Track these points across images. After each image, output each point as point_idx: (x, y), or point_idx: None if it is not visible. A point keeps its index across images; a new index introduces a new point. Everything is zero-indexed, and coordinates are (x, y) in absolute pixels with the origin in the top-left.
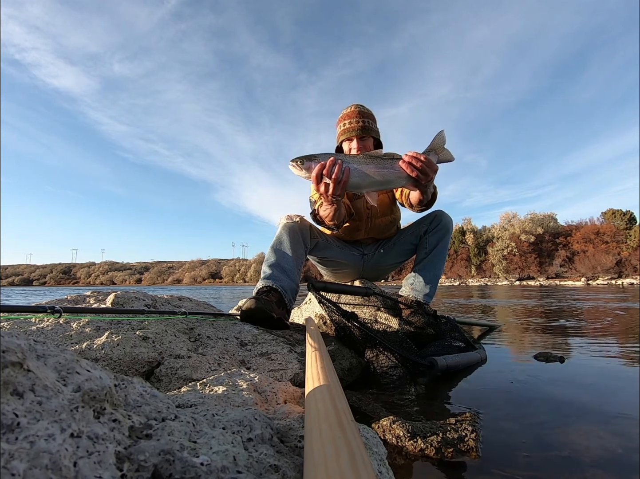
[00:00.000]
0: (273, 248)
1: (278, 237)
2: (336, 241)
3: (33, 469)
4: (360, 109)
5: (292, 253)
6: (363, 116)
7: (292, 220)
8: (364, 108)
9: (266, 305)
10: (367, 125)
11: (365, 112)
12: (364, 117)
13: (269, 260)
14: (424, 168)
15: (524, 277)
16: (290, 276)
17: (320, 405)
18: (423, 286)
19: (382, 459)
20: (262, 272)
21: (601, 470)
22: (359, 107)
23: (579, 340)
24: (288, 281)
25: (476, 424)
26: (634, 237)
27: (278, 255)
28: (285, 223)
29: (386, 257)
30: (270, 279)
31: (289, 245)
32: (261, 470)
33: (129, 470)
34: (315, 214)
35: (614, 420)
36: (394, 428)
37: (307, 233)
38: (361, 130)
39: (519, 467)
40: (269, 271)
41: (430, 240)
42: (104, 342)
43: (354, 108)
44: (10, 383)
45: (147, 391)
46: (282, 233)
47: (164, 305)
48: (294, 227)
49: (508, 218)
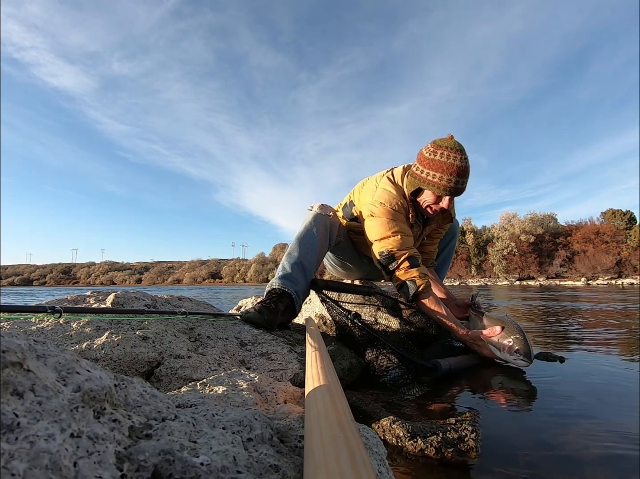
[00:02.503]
0: (299, 240)
1: (307, 228)
2: (352, 245)
3: (33, 469)
4: (466, 165)
5: (317, 250)
6: (465, 176)
7: (325, 213)
8: (467, 163)
9: (269, 318)
10: (464, 187)
11: (468, 170)
12: (464, 177)
13: (292, 254)
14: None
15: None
16: (308, 277)
17: (320, 405)
18: None
19: (382, 459)
20: (282, 268)
21: (601, 469)
22: (465, 160)
23: (579, 339)
24: (304, 284)
25: (476, 424)
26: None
27: (302, 251)
28: (318, 214)
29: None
30: (288, 281)
31: (317, 240)
32: (261, 470)
33: (129, 470)
34: (415, 297)
35: (614, 420)
36: (394, 428)
37: (335, 231)
38: (458, 192)
39: (519, 466)
40: (289, 270)
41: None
42: (104, 342)
43: (462, 162)
44: (10, 383)
45: (147, 391)
46: (312, 225)
47: (164, 305)
48: (325, 221)
49: (508, 218)
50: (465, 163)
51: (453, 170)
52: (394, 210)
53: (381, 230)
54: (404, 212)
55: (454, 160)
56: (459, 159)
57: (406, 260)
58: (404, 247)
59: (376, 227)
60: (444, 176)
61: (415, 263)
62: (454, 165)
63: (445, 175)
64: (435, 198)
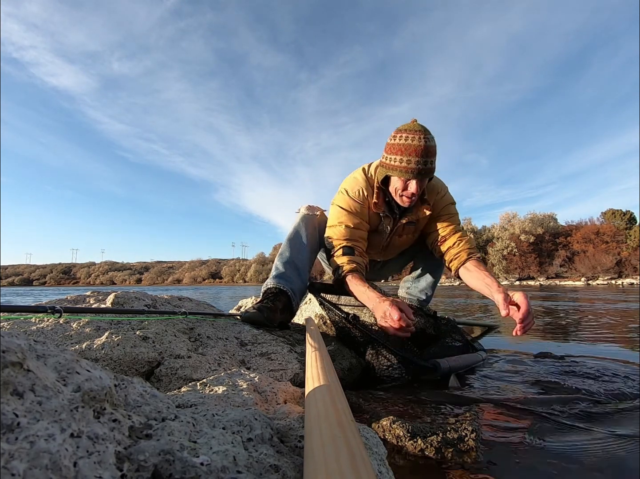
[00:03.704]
0: (289, 241)
1: (296, 228)
2: None
3: (33, 469)
4: (428, 144)
5: (308, 248)
6: (429, 155)
7: (312, 212)
8: (430, 142)
9: (268, 316)
10: (431, 167)
11: (432, 149)
12: (428, 157)
13: (283, 255)
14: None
15: (524, 277)
16: (302, 276)
17: (320, 405)
18: (417, 293)
19: (382, 459)
20: (275, 268)
21: (601, 469)
22: (426, 139)
23: (579, 339)
24: (299, 282)
25: (476, 424)
26: (634, 237)
27: (293, 250)
28: (305, 214)
29: (389, 265)
30: (282, 279)
31: (306, 239)
32: (261, 470)
33: (129, 470)
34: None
35: (615, 420)
36: (394, 428)
37: (324, 229)
38: (424, 173)
39: (519, 466)
40: (282, 269)
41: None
42: (104, 342)
43: (421, 142)
44: (10, 383)
45: (147, 391)
46: (300, 225)
47: (164, 305)
48: (313, 220)
49: (508, 218)
50: (427, 142)
51: (412, 150)
52: (352, 199)
53: (332, 218)
54: (363, 202)
55: (412, 141)
56: (418, 139)
57: (341, 249)
58: (344, 238)
59: (331, 214)
60: (405, 158)
61: (348, 252)
62: (414, 145)
63: (406, 157)
64: (403, 184)
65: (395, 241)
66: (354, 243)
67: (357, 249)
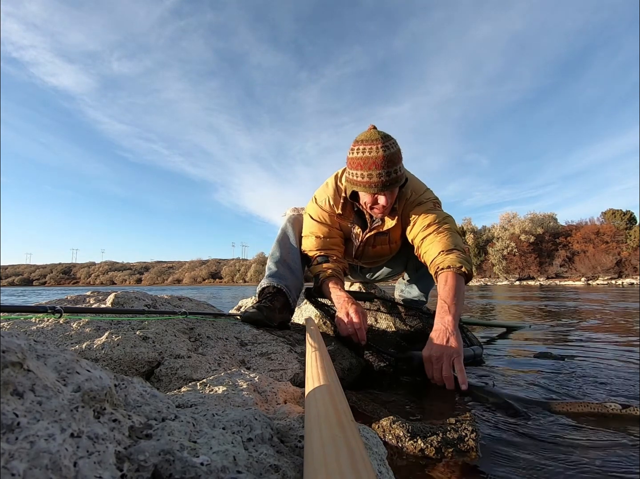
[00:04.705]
0: (279, 242)
1: (283, 229)
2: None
3: (33, 469)
4: (387, 153)
5: (297, 247)
6: (390, 165)
7: (298, 212)
8: (390, 149)
9: (268, 315)
10: (396, 176)
11: (393, 157)
12: (391, 167)
13: (274, 255)
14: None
15: (524, 277)
16: (296, 274)
17: (320, 405)
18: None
19: (382, 460)
20: (267, 269)
21: (601, 470)
22: (384, 148)
23: (579, 339)
24: (293, 280)
25: (476, 424)
26: (634, 237)
27: (284, 250)
28: (291, 215)
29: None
30: (276, 278)
31: (295, 239)
32: (261, 470)
33: (129, 470)
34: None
35: (615, 420)
36: (394, 428)
37: None
38: (390, 184)
39: (519, 467)
40: (274, 269)
41: None
42: (104, 342)
43: (379, 152)
44: (10, 383)
45: (147, 391)
46: (287, 226)
47: (164, 305)
48: (299, 219)
49: (508, 218)
50: (385, 151)
51: (372, 163)
52: (320, 208)
53: (305, 228)
54: (330, 211)
55: (370, 153)
56: (375, 149)
57: (317, 258)
58: (316, 249)
59: (304, 222)
60: (366, 172)
61: (322, 260)
62: (373, 157)
63: (367, 171)
64: (372, 197)
65: (369, 251)
66: (327, 251)
67: (330, 257)
